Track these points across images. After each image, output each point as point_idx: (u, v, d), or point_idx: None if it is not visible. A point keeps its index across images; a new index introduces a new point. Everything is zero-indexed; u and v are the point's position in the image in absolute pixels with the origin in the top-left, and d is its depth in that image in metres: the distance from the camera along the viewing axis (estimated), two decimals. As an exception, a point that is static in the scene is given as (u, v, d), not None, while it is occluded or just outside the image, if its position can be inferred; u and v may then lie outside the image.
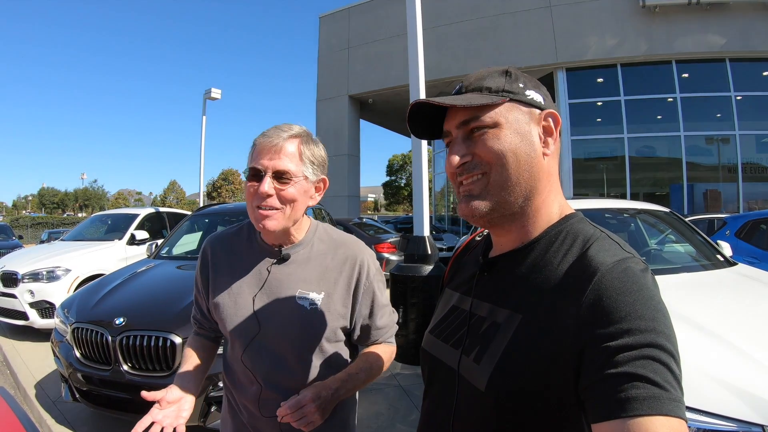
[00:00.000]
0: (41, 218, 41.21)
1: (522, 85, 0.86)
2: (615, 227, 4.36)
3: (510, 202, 0.83)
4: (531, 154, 0.83)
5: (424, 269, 5.05)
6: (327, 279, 1.38)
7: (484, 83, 0.86)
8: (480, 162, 0.83)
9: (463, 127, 0.85)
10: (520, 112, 0.84)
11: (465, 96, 0.85)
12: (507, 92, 0.84)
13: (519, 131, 0.83)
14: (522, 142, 0.83)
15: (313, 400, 1.18)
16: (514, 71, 0.87)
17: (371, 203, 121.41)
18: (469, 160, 0.85)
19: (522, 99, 0.85)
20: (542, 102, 0.87)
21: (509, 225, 0.87)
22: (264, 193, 1.24)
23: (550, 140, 0.86)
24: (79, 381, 3.48)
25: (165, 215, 9.62)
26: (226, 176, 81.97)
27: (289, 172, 1.27)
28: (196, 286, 1.51)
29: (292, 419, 1.14)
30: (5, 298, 6.68)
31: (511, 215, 0.85)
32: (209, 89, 15.94)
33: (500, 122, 0.83)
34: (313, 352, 1.36)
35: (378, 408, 4.02)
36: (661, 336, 0.65)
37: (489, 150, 0.82)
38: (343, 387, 1.29)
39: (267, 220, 1.27)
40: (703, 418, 1.86)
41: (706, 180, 15.01)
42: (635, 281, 0.71)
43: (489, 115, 0.83)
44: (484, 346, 0.83)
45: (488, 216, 0.84)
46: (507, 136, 0.82)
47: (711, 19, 13.97)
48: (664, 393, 0.61)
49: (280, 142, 1.28)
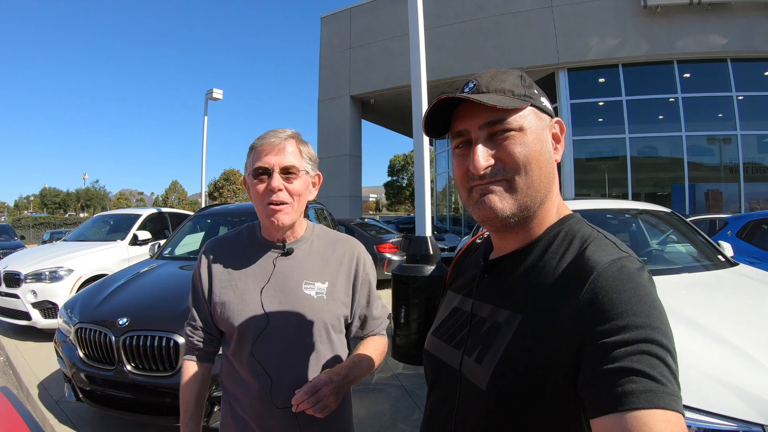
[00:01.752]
0: (43, 219, 41.34)
1: (537, 92, 0.88)
2: (616, 228, 4.38)
3: (529, 207, 0.84)
4: (549, 160, 0.86)
5: (426, 269, 5.06)
6: (329, 270, 1.47)
7: (504, 85, 0.85)
8: (504, 167, 0.83)
9: (487, 128, 0.84)
10: (538, 118, 0.86)
11: (491, 96, 0.83)
12: (528, 97, 0.85)
13: (539, 137, 0.85)
14: (542, 147, 0.85)
15: (327, 384, 1.21)
16: (526, 76, 0.89)
17: (373, 203, 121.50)
18: (492, 164, 0.83)
19: (539, 105, 0.87)
20: (551, 109, 0.90)
21: (520, 228, 0.87)
22: (275, 187, 1.32)
23: (559, 147, 0.89)
24: (83, 381, 3.50)
25: (167, 215, 9.63)
26: (227, 176, 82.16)
27: (294, 167, 1.36)
28: (195, 288, 1.51)
29: (308, 404, 1.16)
30: (8, 299, 6.70)
31: (527, 219, 0.86)
32: (211, 90, 15.97)
33: (525, 127, 0.83)
34: (320, 341, 1.41)
35: (380, 408, 4.02)
36: (657, 332, 0.66)
37: (516, 155, 0.82)
38: (351, 373, 1.34)
39: (280, 214, 1.35)
40: (703, 418, 1.87)
41: (707, 180, 15.01)
42: (631, 279, 0.72)
43: (515, 119, 0.83)
44: (486, 347, 0.84)
45: (508, 219, 0.84)
46: (531, 142, 0.83)
47: (712, 19, 13.95)
48: (660, 387, 0.62)
49: (282, 141, 1.37)
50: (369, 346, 1.51)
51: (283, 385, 1.34)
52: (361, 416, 3.83)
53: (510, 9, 16.15)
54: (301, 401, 1.16)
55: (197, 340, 1.51)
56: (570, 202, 4.06)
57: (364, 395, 4.26)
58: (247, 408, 1.39)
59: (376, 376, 4.64)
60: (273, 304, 1.38)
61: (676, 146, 14.87)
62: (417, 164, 5.65)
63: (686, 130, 14.54)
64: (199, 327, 1.51)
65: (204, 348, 1.51)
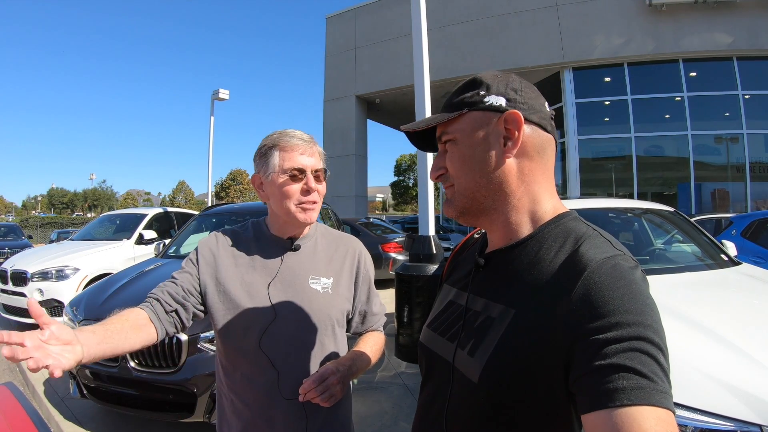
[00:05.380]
0: (50, 218, 41.46)
1: (483, 92, 0.88)
2: (620, 227, 4.36)
3: (475, 204, 0.90)
4: (486, 160, 0.86)
5: (429, 269, 5.05)
6: (334, 266, 1.53)
7: (453, 98, 0.92)
8: (449, 174, 0.93)
9: (439, 141, 0.94)
10: (476, 121, 0.88)
11: (430, 117, 0.94)
12: (467, 104, 0.89)
13: (474, 140, 0.88)
14: (476, 150, 0.87)
15: (334, 373, 1.25)
16: (481, 78, 0.90)
17: (379, 203, 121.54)
18: (443, 173, 0.94)
19: (479, 108, 0.87)
20: (503, 104, 0.86)
21: (489, 223, 0.92)
22: (313, 188, 1.40)
23: (510, 142, 0.86)
24: (87, 378, 3.53)
25: (173, 215, 9.69)
26: (234, 176, 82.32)
27: (323, 170, 1.45)
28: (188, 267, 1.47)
29: (316, 393, 1.19)
30: (15, 297, 6.77)
31: (485, 213, 0.91)
32: (217, 90, 16.07)
33: (457, 137, 0.89)
34: (325, 334, 1.45)
35: (382, 406, 4.04)
36: (649, 329, 0.67)
37: (452, 164, 0.91)
38: (354, 365, 1.38)
39: (311, 212, 1.42)
40: (701, 418, 1.86)
41: (713, 179, 14.94)
42: (623, 277, 0.72)
43: (450, 130, 0.90)
44: (479, 340, 0.85)
45: (460, 217, 0.94)
46: (463, 148, 0.89)
47: (718, 17, 13.89)
48: (651, 384, 0.62)
49: (311, 145, 1.43)
50: (369, 341, 1.56)
51: (290, 378, 1.36)
52: (363, 414, 3.84)
53: (515, 8, 16.14)
54: (309, 390, 1.18)
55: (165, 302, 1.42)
56: (574, 201, 4.06)
57: (366, 393, 4.28)
58: (251, 402, 1.39)
59: (379, 375, 4.65)
60: (280, 298, 1.41)
61: (682, 145, 14.81)
62: (420, 165, 5.67)
63: (692, 129, 14.49)
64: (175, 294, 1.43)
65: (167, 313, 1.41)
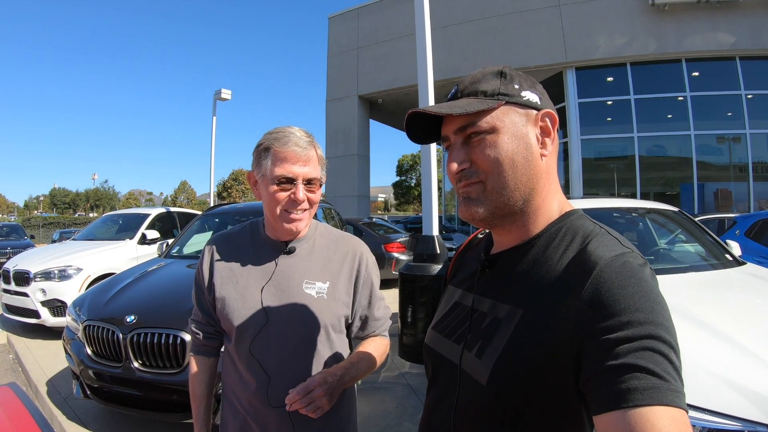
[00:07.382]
0: (53, 218, 41.62)
1: (517, 86, 0.85)
2: (624, 226, 4.35)
3: (508, 205, 0.84)
4: (528, 157, 0.83)
5: (433, 268, 5.03)
6: (331, 269, 1.46)
7: (479, 87, 0.86)
8: (477, 169, 0.84)
9: (461, 132, 0.86)
10: (516, 114, 0.84)
11: (460, 102, 0.85)
12: (503, 95, 0.84)
13: (516, 135, 0.83)
14: (519, 146, 0.83)
15: (320, 385, 1.22)
16: (509, 71, 0.87)
17: (381, 203, 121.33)
18: (467, 167, 0.85)
19: (518, 101, 0.84)
20: (538, 102, 0.86)
21: (509, 225, 0.88)
22: (300, 199, 1.33)
23: (548, 140, 0.86)
24: (90, 378, 3.53)
25: (176, 215, 9.67)
26: (236, 176, 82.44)
27: (317, 179, 1.38)
28: (197, 284, 1.52)
29: (301, 405, 1.17)
30: (17, 297, 6.77)
31: (511, 216, 0.86)
32: (219, 90, 16.07)
33: (497, 127, 0.82)
34: (319, 341, 1.40)
35: (386, 406, 4.03)
36: (660, 328, 0.66)
37: (486, 158, 0.83)
38: (347, 374, 1.34)
39: (298, 223, 1.37)
40: (709, 417, 1.86)
41: (716, 179, 14.88)
42: (633, 275, 0.71)
43: (485, 120, 0.83)
44: (486, 342, 0.83)
45: (487, 219, 0.86)
46: (504, 142, 0.82)
47: (720, 17, 13.83)
48: (664, 383, 0.61)
49: (306, 151, 1.35)
50: (369, 346, 1.51)
51: (280, 384, 1.34)
52: (367, 414, 3.83)
53: (517, 8, 16.08)
54: (294, 401, 1.17)
55: (201, 336, 1.52)
56: (577, 201, 4.05)
57: (370, 394, 4.27)
58: (245, 404, 1.39)
59: (383, 375, 4.64)
60: (273, 302, 1.38)
61: (685, 145, 14.75)
62: (424, 164, 5.64)
63: (695, 129, 14.42)
64: (203, 322, 1.52)
65: (208, 343, 1.52)
